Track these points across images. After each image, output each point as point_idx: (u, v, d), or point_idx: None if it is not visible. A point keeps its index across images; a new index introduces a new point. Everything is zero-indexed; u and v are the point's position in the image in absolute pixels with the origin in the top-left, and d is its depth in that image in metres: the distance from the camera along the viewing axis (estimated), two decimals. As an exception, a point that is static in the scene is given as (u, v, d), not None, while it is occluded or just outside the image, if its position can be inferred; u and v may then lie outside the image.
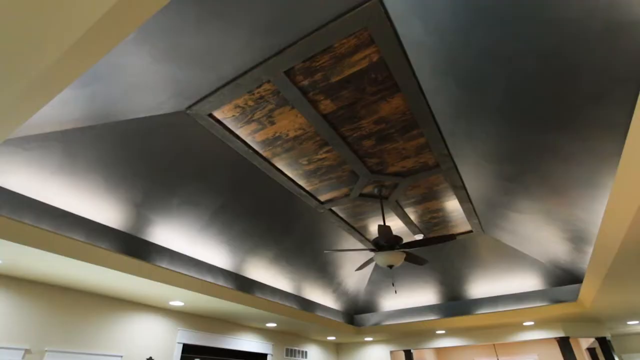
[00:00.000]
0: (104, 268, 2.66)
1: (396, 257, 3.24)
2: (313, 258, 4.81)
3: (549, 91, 2.09)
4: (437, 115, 2.77)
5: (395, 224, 4.63)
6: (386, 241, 3.20)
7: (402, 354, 7.44)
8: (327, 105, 2.64)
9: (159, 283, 3.05)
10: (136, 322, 3.71)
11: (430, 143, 3.07)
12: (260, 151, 3.11)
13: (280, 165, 3.31)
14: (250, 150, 3.06)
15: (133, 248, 3.05)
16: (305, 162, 3.28)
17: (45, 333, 2.97)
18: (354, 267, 5.54)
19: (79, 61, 1.18)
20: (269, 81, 2.41)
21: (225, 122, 2.77)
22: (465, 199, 4.04)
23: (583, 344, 7.57)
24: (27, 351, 2.81)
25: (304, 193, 3.75)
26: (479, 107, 2.48)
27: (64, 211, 2.63)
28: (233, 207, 3.51)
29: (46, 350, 2.91)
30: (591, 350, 7.48)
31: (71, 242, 2.47)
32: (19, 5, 0.99)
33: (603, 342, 5.73)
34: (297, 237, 4.35)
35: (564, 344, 5.61)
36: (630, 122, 1.97)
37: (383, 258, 3.24)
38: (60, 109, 2.14)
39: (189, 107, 2.58)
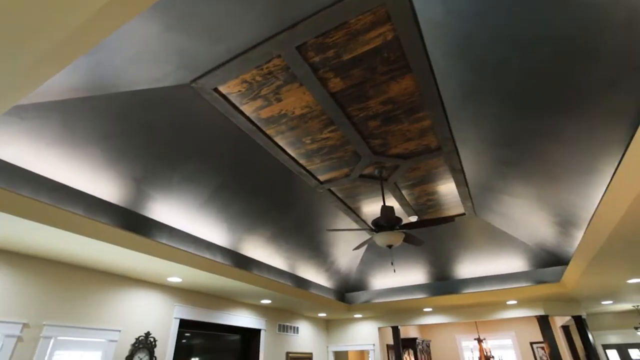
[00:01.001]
0: (103, 243, 2.61)
1: (396, 237, 3.30)
2: (309, 238, 4.86)
3: (561, 76, 2.10)
4: (444, 98, 2.77)
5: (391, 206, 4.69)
6: (387, 221, 3.25)
7: (390, 330, 7.72)
8: (336, 84, 2.59)
9: (158, 259, 3.03)
10: (134, 298, 3.70)
11: (434, 126, 3.08)
12: (264, 128, 3.06)
13: (282, 143, 3.27)
14: (254, 127, 3.00)
15: (132, 224, 3.00)
16: (308, 141, 3.25)
17: (44, 308, 2.94)
18: (348, 247, 5.63)
19: (96, 30, 1.11)
20: (279, 56, 2.34)
21: (230, 97, 2.70)
22: (462, 183, 4.11)
23: (558, 322, 8.01)
24: (25, 325, 2.78)
25: (305, 172, 3.73)
26: (489, 91, 2.48)
27: (61, 184, 2.55)
28: (233, 185, 3.47)
29: (44, 325, 2.89)
30: (565, 328, 7.94)
31: (70, 215, 2.41)
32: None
33: (579, 320, 6.07)
34: (294, 216, 4.36)
35: (544, 321, 5.92)
36: None
37: (383, 238, 3.30)
38: (61, 77, 2.03)
39: (194, 80, 2.49)
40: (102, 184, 2.72)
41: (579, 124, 2.43)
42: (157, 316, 3.88)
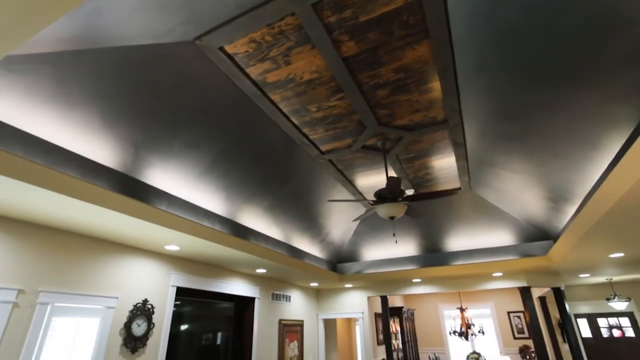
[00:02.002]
0: (100, 208, 2.50)
1: (399, 209, 3.31)
2: (306, 209, 4.84)
3: (584, 50, 2.05)
4: (458, 68, 2.69)
5: (382, 179, 4.68)
6: (391, 193, 3.24)
7: (378, 299, 7.98)
8: (349, 48, 2.47)
9: (157, 226, 2.95)
10: (131, 266, 3.64)
11: (444, 97, 3.02)
12: (269, 93, 2.93)
13: (287, 110, 3.16)
14: (259, 92, 2.87)
15: (131, 190, 2.89)
16: (314, 109, 3.15)
17: (39, 274, 2.84)
18: (343, 219, 5.66)
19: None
20: (293, 14, 2.19)
21: (236, 57, 2.54)
22: (462, 157, 4.12)
23: (535, 293, 8.45)
24: (20, 291, 2.70)
25: (307, 142, 3.65)
26: (506, 62, 2.41)
27: (56, 146, 2.39)
28: (233, 153, 3.36)
29: (40, 291, 2.81)
30: (541, 299, 8.38)
31: (65, 177, 2.28)
32: None
33: (557, 291, 6.40)
34: (293, 187, 4.31)
35: (525, 292, 6.21)
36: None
37: (386, 209, 3.30)
38: (55, 25, 1.84)
39: (199, 37, 2.32)
40: (99, 147, 2.58)
41: (592, 99, 2.41)
42: (154, 284, 3.84)
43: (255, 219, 4.35)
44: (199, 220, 3.56)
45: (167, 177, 3.12)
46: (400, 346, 7.81)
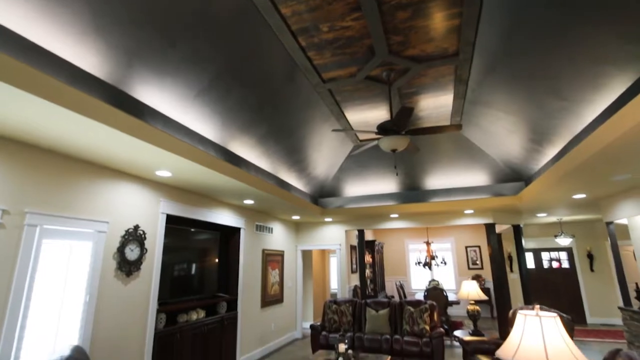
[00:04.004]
0: (90, 120, 2.24)
1: (402, 142, 3.31)
2: (298, 141, 4.72)
3: (628, -22, 1.98)
4: (486, -7, 2.53)
5: (380, 114, 4.62)
6: (396, 124, 3.20)
7: (352, 233, 8.39)
8: (380, -45, 2.21)
9: (150, 146, 2.73)
10: (121, 191, 3.46)
11: (462, 27, 2.88)
12: (280, 5, 2.62)
13: (296, 28, 2.88)
14: (269, 1, 2.56)
15: (125, 105, 2.61)
16: (325, 29, 2.89)
17: (24, 194, 2.62)
18: (330, 154, 5.63)
19: None
20: None
21: (250, -45, 2.19)
22: (460, 95, 4.11)
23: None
24: (4, 212, 2.49)
25: (310, 67, 3.42)
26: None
27: (41, 47, 2.04)
28: (232, 73, 3.09)
29: (26, 212, 2.61)
30: (498, 235, 9.26)
31: (52, 81, 1.99)
32: None
33: (517, 228, 7.06)
34: (288, 117, 4.13)
35: (490, 228, 6.78)
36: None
37: (390, 141, 3.29)
38: None
39: None
40: (90, 54, 2.23)
41: (614, 38, 2.40)
42: (144, 210, 3.71)
43: (248, 149, 4.20)
44: (193, 144, 3.37)
45: (162, 95, 2.84)
46: (371, 275, 8.47)
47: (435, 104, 4.43)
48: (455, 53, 3.27)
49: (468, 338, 4.52)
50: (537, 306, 1.95)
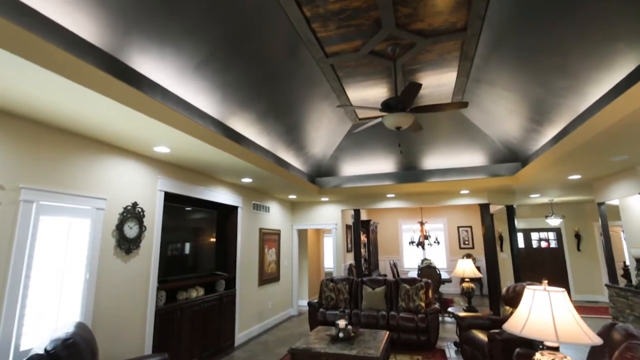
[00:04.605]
0: (88, 90, 2.10)
1: (407, 119, 3.26)
2: (297, 119, 4.63)
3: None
4: (501, -38, 2.43)
5: (381, 92, 4.54)
6: (401, 101, 3.14)
7: (348, 213, 8.43)
8: None
9: (149, 119, 2.61)
10: (118, 168, 3.36)
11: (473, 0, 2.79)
12: (286, -28, 2.49)
13: (301, -3, 2.75)
14: (275, -32, 2.42)
15: (124, 76, 2.48)
16: (332, -1, 2.77)
17: (18, 169, 2.52)
18: (328, 133, 5.56)
19: None
20: None
21: None
22: (464, 73, 4.04)
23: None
24: (-1, 186, 2.38)
25: (313, 40, 3.30)
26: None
27: (36, 11, 1.90)
28: (233, 45, 2.96)
29: (21, 188, 2.51)
30: (491, 215, 9.41)
31: (47, 46, 1.85)
32: None
33: (510, 208, 7.16)
34: (289, 94, 4.02)
35: (485, 209, 6.87)
36: None
37: (395, 118, 3.24)
38: None
39: None
40: (88, 20, 2.09)
41: (621, 9, 2.35)
42: (142, 187, 3.63)
43: (247, 126, 4.10)
44: (193, 120, 3.26)
45: (161, 66, 2.71)
46: (366, 254, 8.58)
47: (438, 82, 4.36)
48: (463, 28, 3.19)
49: (463, 314, 4.64)
50: (545, 281, 1.97)
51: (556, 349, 1.89)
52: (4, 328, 2.34)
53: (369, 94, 4.61)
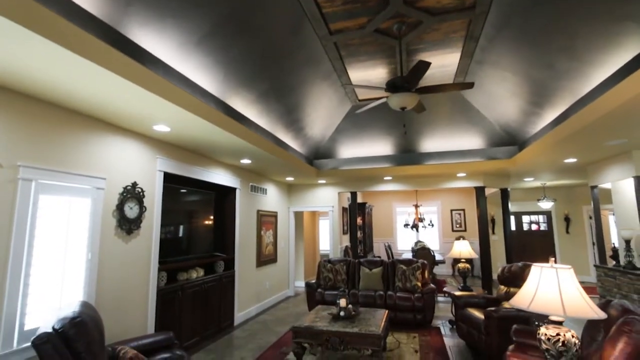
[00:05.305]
0: (88, 62, 2.00)
1: (412, 99, 3.23)
2: (297, 99, 4.55)
3: None
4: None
5: (382, 73, 4.48)
6: (407, 81, 3.10)
7: (344, 195, 8.45)
8: None
9: (151, 95, 2.50)
10: (117, 147, 3.28)
11: (484, -25, 2.72)
12: (294, -58, 2.38)
13: (308, -30, 2.65)
14: (283, -63, 2.32)
15: (125, 50, 2.38)
16: (340, -28, 2.68)
17: (17, 147, 2.44)
18: (328, 114, 5.50)
19: None
20: None
21: None
22: (469, 54, 4.00)
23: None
24: (-4, 163, 2.31)
25: (318, 15, 3.21)
26: None
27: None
28: (238, 20, 2.85)
29: (19, 165, 2.44)
30: (484, 198, 9.54)
31: (47, 14, 1.76)
32: None
33: (504, 192, 7.26)
34: (290, 73, 3.94)
35: (480, 192, 6.96)
36: None
37: (400, 99, 3.20)
38: None
39: None
40: (83, -17, 1.98)
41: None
42: (141, 167, 3.56)
43: (248, 105, 4.02)
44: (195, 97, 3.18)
45: (163, 40, 2.60)
46: (361, 236, 8.67)
47: (441, 63, 4.32)
48: (472, 5, 3.13)
49: (459, 293, 4.75)
50: (552, 259, 2.02)
51: (560, 323, 1.95)
52: (8, 307, 2.31)
53: (370, 74, 4.54)
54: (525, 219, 9.95)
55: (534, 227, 9.90)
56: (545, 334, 1.85)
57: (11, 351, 2.32)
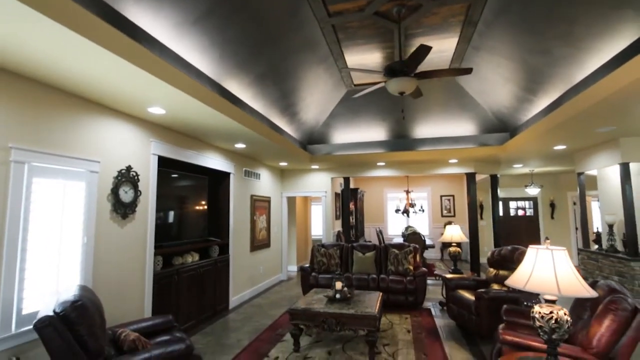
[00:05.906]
0: (83, 39, 1.92)
1: (410, 84, 3.23)
2: (293, 83, 4.50)
3: None
4: None
5: (379, 57, 4.45)
6: (407, 65, 3.09)
7: (337, 181, 8.48)
8: None
9: (147, 74, 2.41)
10: (111, 129, 3.20)
11: (486, -42, 2.70)
12: None
13: (309, -52, 2.58)
14: None
15: (120, 27, 2.30)
16: (342, -49, 2.61)
17: (8, 129, 2.37)
18: (322, 99, 5.45)
19: None
20: None
21: None
22: (466, 39, 3.99)
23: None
24: (-13, 145, 2.23)
25: (317, -3, 3.15)
26: None
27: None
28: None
29: (11, 147, 2.37)
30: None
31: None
32: None
33: (494, 178, 7.40)
34: (287, 56, 3.87)
35: (471, 178, 7.08)
36: None
37: (397, 84, 3.20)
38: None
39: None
40: (77, -45, 1.89)
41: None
42: (135, 151, 3.49)
43: (244, 88, 3.95)
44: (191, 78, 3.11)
45: (159, 19, 2.52)
46: (353, 221, 8.76)
47: (437, 48, 4.30)
48: (472, -10, 3.11)
49: (450, 275, 4.88)
50: (548, 241, 2.08)
51: (553, 302, 2.03)
52: (4, 292, 2.28)
53: (366, 58, 4.50)
54: (512, 204, 10.20)
55: (520, 212, 10.16)
56: (539, 312, 1.93)
57: (10, 335, 2.30)
